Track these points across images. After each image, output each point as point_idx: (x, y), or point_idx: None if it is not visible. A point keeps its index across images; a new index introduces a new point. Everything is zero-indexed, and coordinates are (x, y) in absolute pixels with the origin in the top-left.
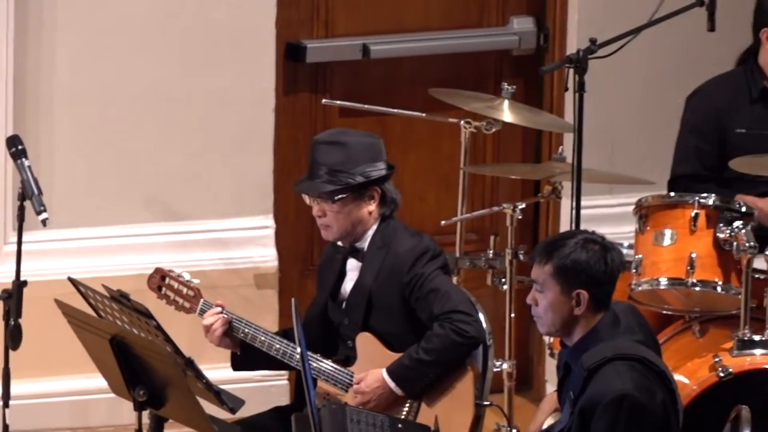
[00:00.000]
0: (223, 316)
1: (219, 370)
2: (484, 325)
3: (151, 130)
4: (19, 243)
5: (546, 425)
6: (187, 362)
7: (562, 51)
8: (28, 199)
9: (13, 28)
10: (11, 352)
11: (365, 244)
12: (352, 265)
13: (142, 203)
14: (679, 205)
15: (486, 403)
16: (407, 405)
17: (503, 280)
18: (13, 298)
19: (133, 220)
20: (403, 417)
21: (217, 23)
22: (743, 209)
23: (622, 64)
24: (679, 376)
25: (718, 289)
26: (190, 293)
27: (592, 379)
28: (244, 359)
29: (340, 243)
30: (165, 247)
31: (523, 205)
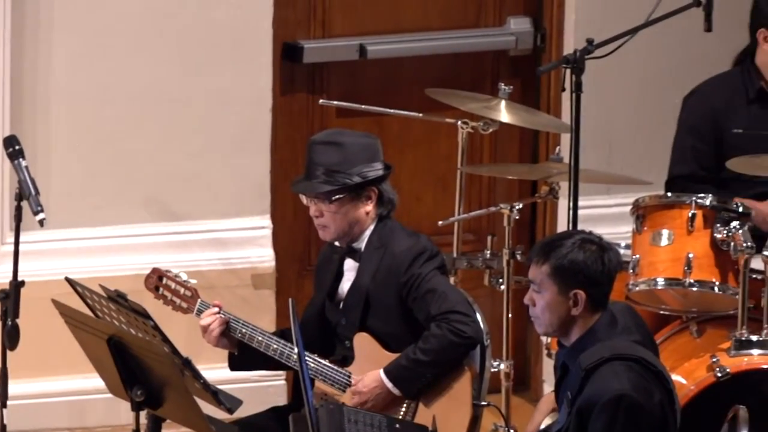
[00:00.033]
0: (220, 316)
1: (216, 370)
2: (482, 325)
3: (148, 131)
4: (17, 243)
5: (543, 425)
6: (185, 362)
7: (559, 51)
8: (26, 200)
9: (10, 27)
10: (8, 353)
11: (362, 245)
12: (350, 266)
13: (138, 203)
14: (677, 206)
15: (483, 403)
16: (405, 405)
17: (500, 281)
18: (10, 298)
19: (130, 220)
20: (400, 417)
21: (214, 23)
22: (740, 209)
23: (619, 65)
24: (677, 377)
25: (716, 289)
26: (188, 293)
27: (590, 379)
28: (242, 359)
29: (337, 243)
30: (162, 247)
31: (521, 206)
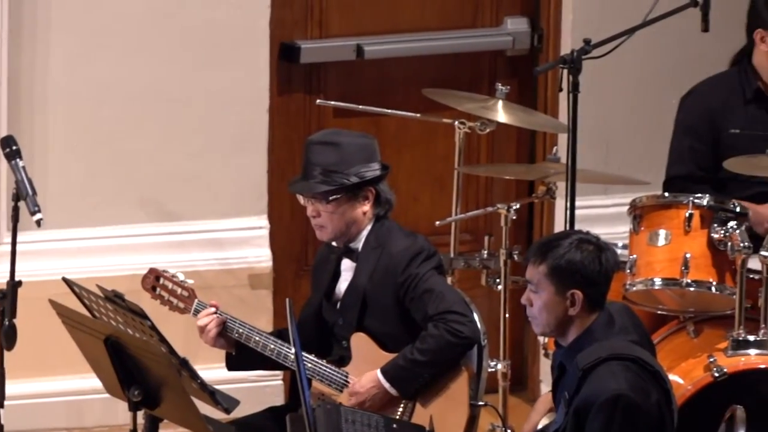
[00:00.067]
0: (217, 316)
1: (214, 371)
2: (479, 325)
3: (145, 131)
4: (14, 243)
5: (541, 425)
6: (182, 362)
7: (556, 51)
8: (23, 200)
9: (8, 27)
10: (6, 353)
11: (360, 245)
12: (347, 266)
13: (136, 203)
14: (674, 206)
15: (481, 403)
16: (402, 405)
17: (498, 281)
18: (7, 298)
19: (128, 221)
20: (397, 417)
21: (212, 24)
22: (737, 209)
23: (616, 65)
24: (674, 376)
25: (713, 289)
26: (185, 293)
27: (587, 379)
28: (239, 359)
29: (334, 243)
30: (159, 248)
31: (518, 206)
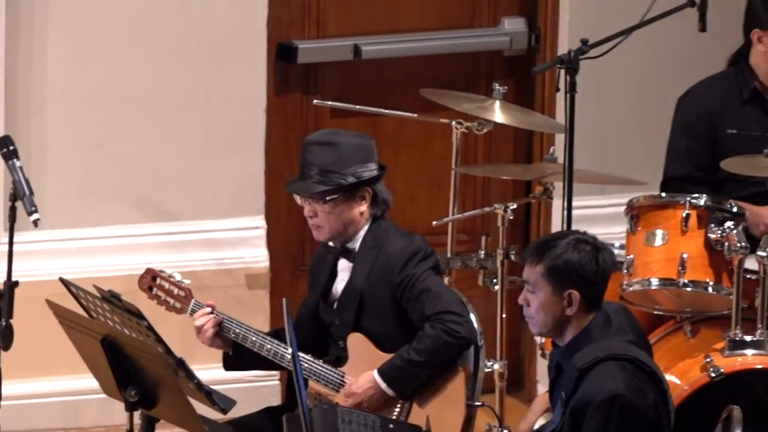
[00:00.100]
0: (213, 316)
1: (210, 371)
2: (476, 325)
3: (142, 131)
4: (11, 243)
5: (537, 425)
6: (179, 362)
7: (553, 51)
8: (20, 200)
9: (5, 27)
10: (2, 353)
11: (356, 245)
12: (344, 266)
13: (133, 204)
14: (671, 206)
15: (477, 403)
16: (399, 405)
17: (494, 281)
18: (4, 298)
19: (124, 221)
20: (394, 417)
21: (209, 24)
22: (734, 210)
23: (614, 65)
24: (671, 377)
25: (710, 289)
26: (181, 293)
27: (584, 380)
28: (236, 359)
29: (331, 243)
30: (156, 248)
31: (515, 206)
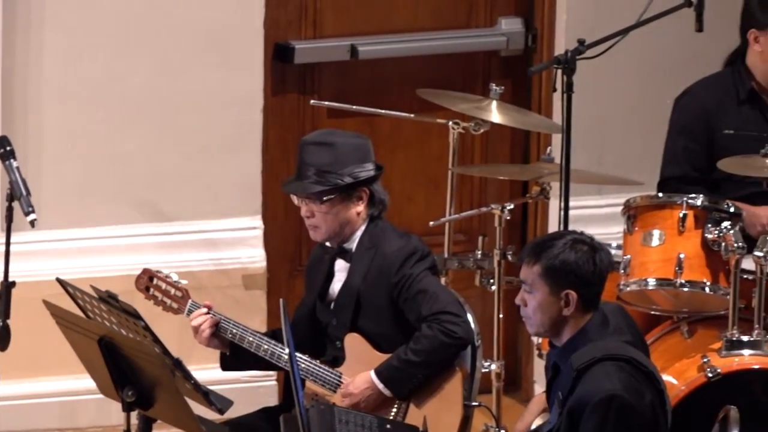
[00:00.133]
0: (211, 316)
1: (207, 371)
2: (473, 325)
3: (140, 131)
4: (8, 244)
5: (534, 426)
6: (176, 363)
7: (550, 52)
8: (17, 200)
9: (1, 26)
10: None
11: (353, 245)
12: (341, 266)
13: (130, 204)
14: (668, 206)
15: (474, 403)
16: (396, 406)
17: (491, 281)
18: (1, 299)
19: (121, 221)
20: (391, 418)
21: (206, 24)
22: (731, 210)
23: (611, 65)
24: (668, 377)
25: (707, 289)
26: (178, 294)
27: (581, 380)
28: (234, 359)
29: (328, 243)
30: (153, 248)
31: (512, 206)
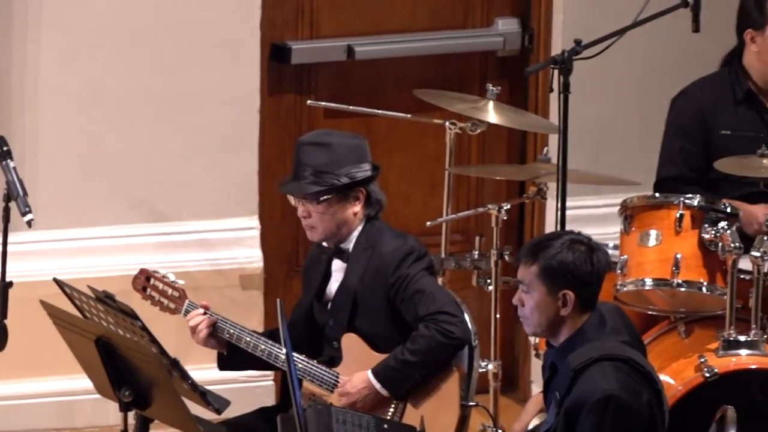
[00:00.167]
0: (208, 317)
1: (205, 371)
2: (470, 325)
3: (136, 131)
4: (4, 244)
5: (532, 425)
6: (173, 363)
7: (547, 52)
8: (14, 200)
9: None
10: None
11: (350, 245)
12: (338, 266)
13: (127, 204)
14: (664, 206)
15: (471, 403)
16: (393, 406)
17: (488, 281)
18: None
19: (118, 221)
20: (388, 418)
21: (202, 24)
22: (728, 210)
23: (607, 65)
24: (665, 377)
25: (704, 289)
26: (175, 294)
27: (578, 380)
28: (231, 359)
29: (325, 244)
30: (150, 248)
31: (509, 206)
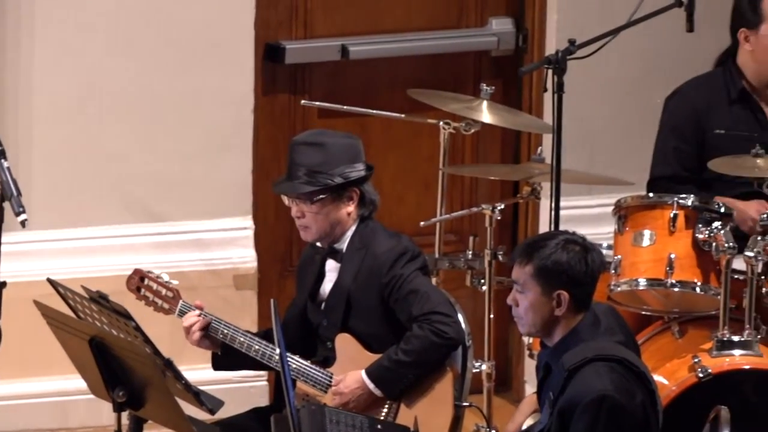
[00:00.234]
0: (202, 317)
1: (198, 371)
2: (463, 326)
3: (130, 131)
4: None
5: (525, 426)
6: (166, 363)
7: (541, 52)
8: (7, 201)
9: None
10: None
11: (344, 245)
12: (331, 266)
13: (121, 204)
14: (658, 206)
15: (465, 404)
16: (386, 406)
17: (482, 281)
18: None
19: (112, 221)
20: (382, 418)
21: (196, 24)
22: (722, 210)
23: (601, 65)
24: (659, 377)
25: (697, 289)
26: (169, 294)
27: (572, 380)
28: (225, 359)
29: (318, 244)
30: (144, 248)
31: (502, 206)
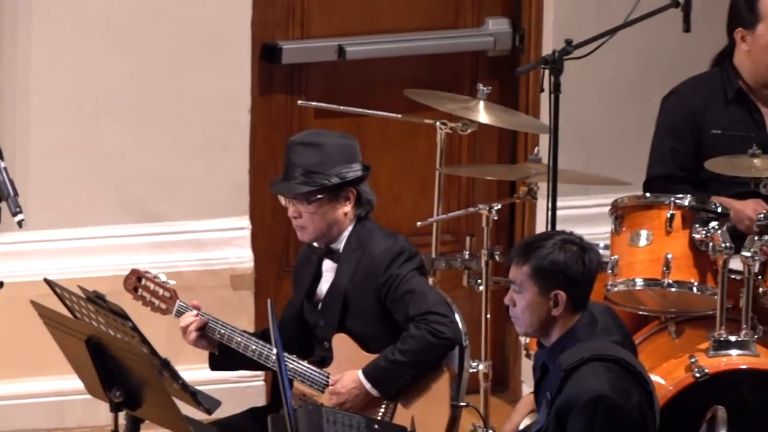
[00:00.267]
0: (199, 317)
1: (195, 371)
2: (460, 326)
3: (127, 131)
4: None
5: (522, 426)
6: (163, 363)
7: (537, 52)
8: (4, 201)
9: None
10: None
11: (341, 246)
12: (328, 266)
13: (118, 204)
14: (655, 206)
15: (462, 404)
16: (383, 406)
17: (479, 281)
18: None
19: (110, 221)
20: (379, 418)
21: (193, 24)
22: (719, 210)
23: (598, 65)
24: (656, 377)
25: (694, 289)
26: (166, 294)
27: (569, 380)
28: (222, 359)
29: (315, 244)
30: (141, 248)
31: (499, 206)
